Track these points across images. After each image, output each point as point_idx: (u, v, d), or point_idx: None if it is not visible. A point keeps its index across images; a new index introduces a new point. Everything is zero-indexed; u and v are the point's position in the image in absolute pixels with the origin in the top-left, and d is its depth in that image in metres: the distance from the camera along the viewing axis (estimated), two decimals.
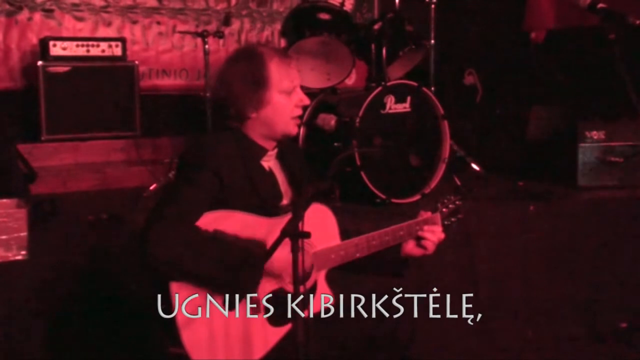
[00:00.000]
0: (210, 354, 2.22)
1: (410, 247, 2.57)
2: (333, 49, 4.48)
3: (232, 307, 2.23)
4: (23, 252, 3.00)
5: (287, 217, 2.14)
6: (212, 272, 2.19)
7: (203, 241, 2.21)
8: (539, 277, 3.99)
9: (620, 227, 4.21)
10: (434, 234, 2.55)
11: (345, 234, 2.51)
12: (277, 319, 2.34)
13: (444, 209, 2.64)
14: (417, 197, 4.15)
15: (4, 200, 3.10)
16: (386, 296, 2.54)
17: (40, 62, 4.90)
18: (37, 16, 5.33)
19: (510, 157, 5.07)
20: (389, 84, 4.10)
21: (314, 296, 2.44)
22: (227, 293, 2.20)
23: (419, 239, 2.55)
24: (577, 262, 4.10)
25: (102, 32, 5.54)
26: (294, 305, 2.03)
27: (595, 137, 4.53)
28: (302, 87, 2.52)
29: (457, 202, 2.67)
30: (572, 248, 4.09)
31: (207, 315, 2.22)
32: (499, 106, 5.55)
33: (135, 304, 2.92)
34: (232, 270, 2.18)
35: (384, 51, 4.37)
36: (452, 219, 2.65)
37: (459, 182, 4.30)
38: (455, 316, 3.65)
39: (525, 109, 5.23)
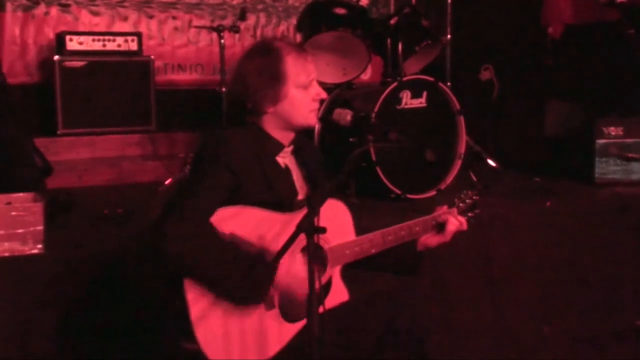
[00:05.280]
0: (225, 349, 2.21)
1: (427, 237, 2.55)
2: (349, 44, 4.46)
3: (245, 305, 2.22)
4: (39, 246, 3.01)
5: (303, 213, 2.12)
6: (226, 270, 2.18)
7: (218, 239, 2.20)
8: (556, 275, 3.96)
9: (638, 224, 4.17)
10: (454, 224, 2.53)
11: (360, 230, 2.50)
12: (291, 315, 2.33)
13: (460, 204, 2.62)
14: (432, 193, 4.13)
15: (20, 194, 3.11)
16: (402, 292, 2.53)
17: (56, 57, 4.91)
18: (54, 11, 5.35)
19: (527, 153, 5.04)
20: (404, 79, 4.08)
21: (328, 292, 2.42)
22: (237, 294, 2.18)
23: (440, 226, 2.53)
24: (595, 259, 4.06)
25: (118, 26, 5.55)
26: (309, 301, 2.02)
27: (613, 133, 4.49)
28: (318, 82, 2.50)
29: (474, 197, 2.65)
30: (589, 245, 4.05)
31: (221, 310, 2.21)
32: (515, 102, 5.51)
33: (149, 298, 2.91)
34: (246, 269, 2.17)
35: (400, 46, 4.35)
36: (469, 214, 2.62)
37: (474, 178, 4.32)
38: (471, 313, 3.64)
39: (542, 104, 5.19)
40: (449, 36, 5.05)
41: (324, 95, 2.49)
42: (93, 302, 3.00)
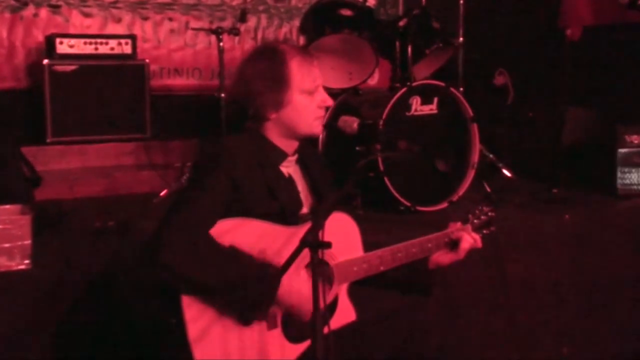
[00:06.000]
0: None
1: (439, 254, 2.55)
2: (355, 47, 4.46)
3: (246, 322, 2.21)
4: (26, 261, 3.01)
5: (307, 226, 2.12)
6: (226, 284, 2.17)
7: (218, 251, 2.20)
8: (575, 291, 3.95)
9: None
10: (468, 242, 2.52)
11: (368, 245, 2.49)
12: (295, 335, 2.32)
13: (475, 220, 2.61)
14: (444, 205, 4.12)
15: (7, 207, 3.10)
16: (412, 313, 2.52)
17: (46, 61, 4.91)
18: (43, 12, 5.36)
19: (544, 162, 5.03)
20: (414, 84, 4.08)
21: (334, 311, 2.41)
22: (241, 308, 2.18)
23: (454, 244, 2.53)
24: (616, 274, 4.05)
25: (111, 28, 5.55)
26: (313, 320, 2.01)
27: (636, 142, 4.50)
28: (323, 88, 2.50)
29: (490, 214, 2.64)
30: (610, 260, 4.04)
31: (221, 329, 2.21)
32: (531, 108, 5.50)
33: (145, 316, 2.91)
34: (247, 283, 2.17)
35: (409, 49, 4.35)
36: (484, 231, 2.62)
37: (489, 189, 4.31)
38: (486, 333, 3.62)
39: (560, 111, 5.18)
40: (461, 39, 5.05)
41: (329, 102, 2.49)
42: (84, 321, 3.00)
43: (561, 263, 3.92)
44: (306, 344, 2.32)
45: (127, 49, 5.15)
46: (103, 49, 5.08)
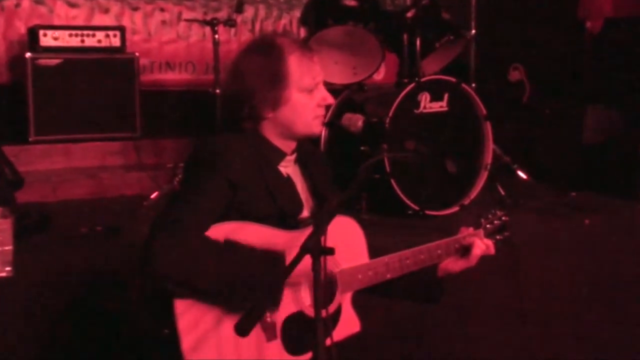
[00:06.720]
0: None
1: (449, 261, 2.56)
2: (360, 40, 4.47)
3: (244, 332, 2.23)
4: (8, 269, 3.01)
5: (308, 231, 2.13)
6: (225, 287, 2.18)
7: (215, 253, 2.21)
8: (596, 302, 3.95)
9: None
10: (480, 248, 2.54)
11: (374, 251, 2.50)
12: (295, 347, 2.33)
13: (487, 225, 2.62)
14: (454, 209, 4.13)
15: None
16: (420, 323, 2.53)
17: (28, 54, 4.93)
18: (26, 2, 5.38)
19: (562, 164, 5.04)
20: (423, 79, 4.09)
21: (337, 321, 2.42)
22: (243, 310, 2.19)
23: (465, 250, 2.54)
24: (638, 281, 4.06)
25: (99, 20, 5.58)
26: (315, 331, 2.02)
27: None
28: (326, 83, 2.51)
29: (504, 218, 2.65)
30: (632, 266, 4.05)
31: (216, 340, 2.22)
32: (549, 106, 5.51)
33: (134, 326, 2.92)
34: (248, 284, 2.18)
35: (417, 42, 4.36)
36: (498, 237, 2.63)
37: (503, 192, 4.33)
38: (498, 347, 3.63)
39: (579, 109, 5.19)
40: (473, 31, 5.06)
41: (330, 100, 2.49)
42: (69, 331, 3.01)
43: (580, 270, 3.93)
44: (307, 356, 2.33)
45: (116, 42, 5.17)
46: (90, 42, 5.10)
